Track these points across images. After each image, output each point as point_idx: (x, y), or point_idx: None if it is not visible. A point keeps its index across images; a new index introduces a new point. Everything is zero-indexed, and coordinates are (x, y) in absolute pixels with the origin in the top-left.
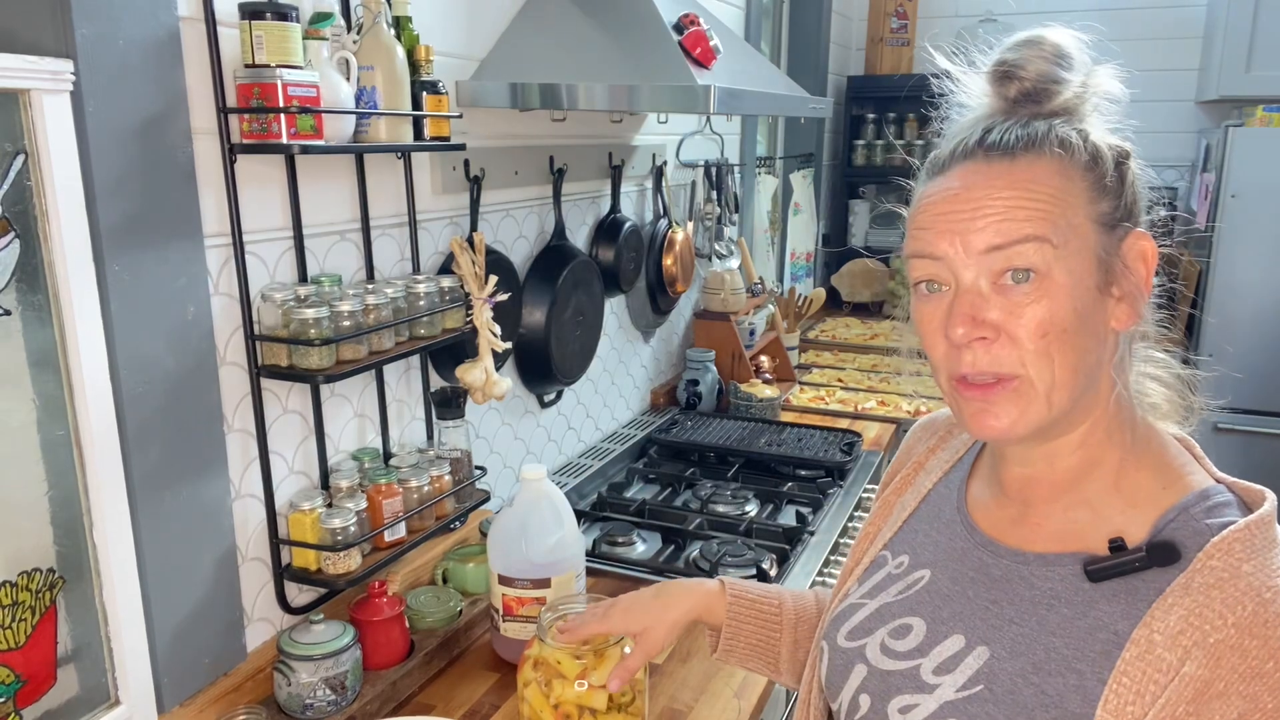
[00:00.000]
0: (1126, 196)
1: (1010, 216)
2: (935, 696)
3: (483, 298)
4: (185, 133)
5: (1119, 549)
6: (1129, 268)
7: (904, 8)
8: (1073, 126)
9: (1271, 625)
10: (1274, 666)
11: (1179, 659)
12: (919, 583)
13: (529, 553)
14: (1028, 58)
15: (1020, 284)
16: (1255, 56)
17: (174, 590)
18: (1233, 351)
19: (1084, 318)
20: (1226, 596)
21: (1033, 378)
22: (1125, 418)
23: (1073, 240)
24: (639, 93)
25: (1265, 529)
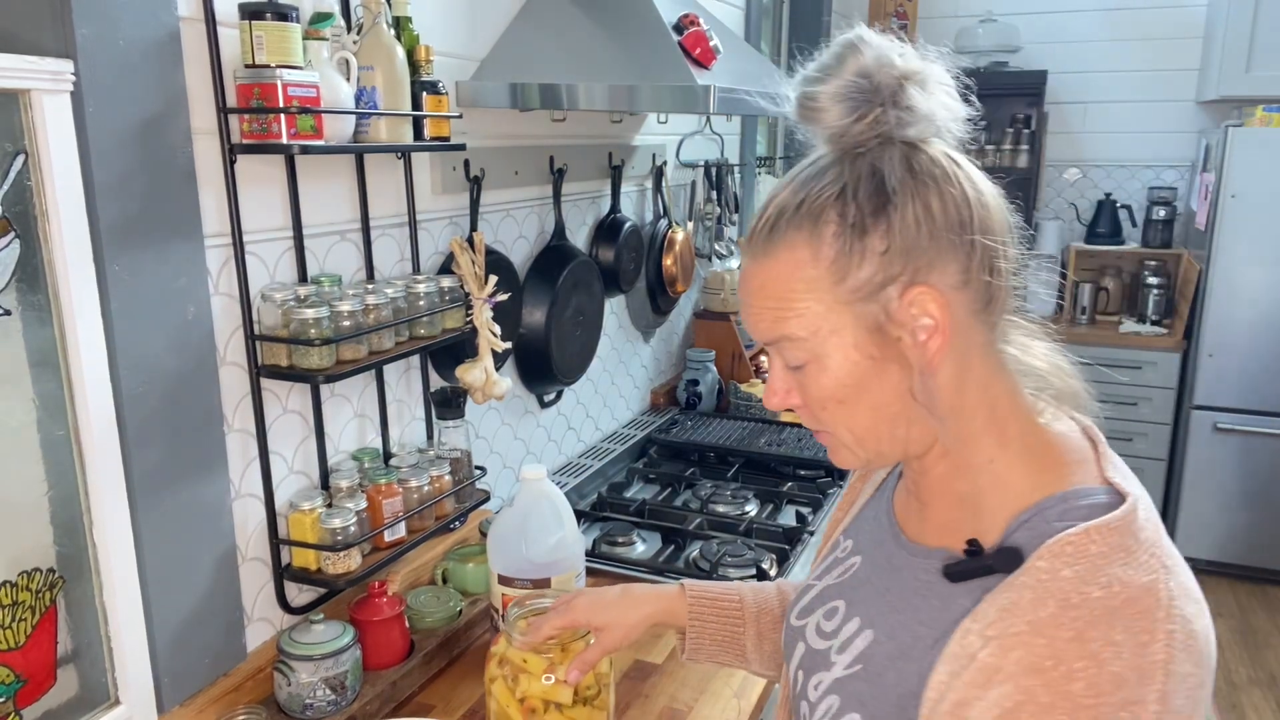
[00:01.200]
0: (894, 251)
1: (761, 318)
2: (831, 673)
3: (483, 298)
4: (185, 133)
5: (973, 552)
6: (914, 319)
7: (904, 8)
8: (839, 185)
9: (1062, 628)
10: (1052, 665)
11: (980, 646)
12: (852, 568)
13: (529, 553)
14: (819, 95)
15: (796, 369)
16: (1255, 56)
17: (174, 590)
18: (1233, 351)
19: (864, 386)
20: (1036, 596)
21: (838, 435)
22: (997, 421)
23: (824, 325)
24: (639, 93)
25: (1108, 536)
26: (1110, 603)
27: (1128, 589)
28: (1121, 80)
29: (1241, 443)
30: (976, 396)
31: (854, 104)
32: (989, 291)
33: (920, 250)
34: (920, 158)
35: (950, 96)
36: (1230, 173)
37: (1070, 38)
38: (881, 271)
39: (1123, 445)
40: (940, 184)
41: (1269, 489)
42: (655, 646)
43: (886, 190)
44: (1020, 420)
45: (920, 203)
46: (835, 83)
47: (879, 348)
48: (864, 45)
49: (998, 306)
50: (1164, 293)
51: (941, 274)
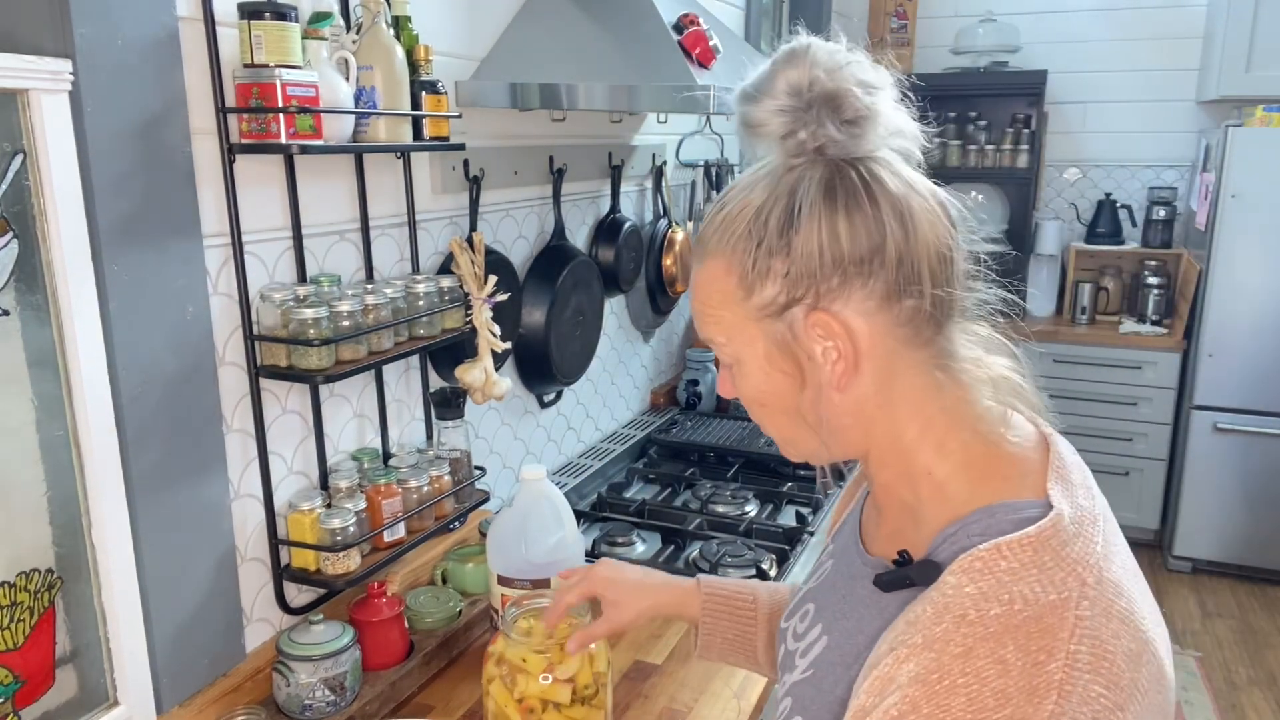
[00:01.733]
0: (795, 274)
1: (696, 316)
2: (794, 675)
3: (482, 298)
4: (184, 133)
5: (901, 563)
6: (810, 346)
7: (904, 8)
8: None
9: (951, 643)
10: (937, 678)
11: (883, 656)
12: (825, 572)
13: (528, 553)
14: (753, 114)
15: (729, 366)
16: (1255, 56)
17: (173, 591)
18: (1233, 351)
19: (780, 394)
20: (936, 610)
21: (767, 430)
22: (936, 433)
23: (739, 335)
24: (639, 93)
25: (1016, 553)
26: (1009, 620)
27: (1030, 606)
28: (1121, 80)
29: (1241, 443)
30: (907, 410)
31: (785, 121)
32: (914, 313)
33: (823, 275)
34: (840, 179)
35: (895, 110)
36: (1230, 173)
37: (1070, 37)
38: (785, 293)
39: (1123, 445)
40: (851, 210)
41: (1269, 489)
42: (655, 646)
43: (794, 214)
44: (963, 431)
45: (825, 229)
46: (769, 101)
47: (786, 364)
48: (797, 59)
49: (929, 327)
50: (1164, 293)
51: (848, 299)
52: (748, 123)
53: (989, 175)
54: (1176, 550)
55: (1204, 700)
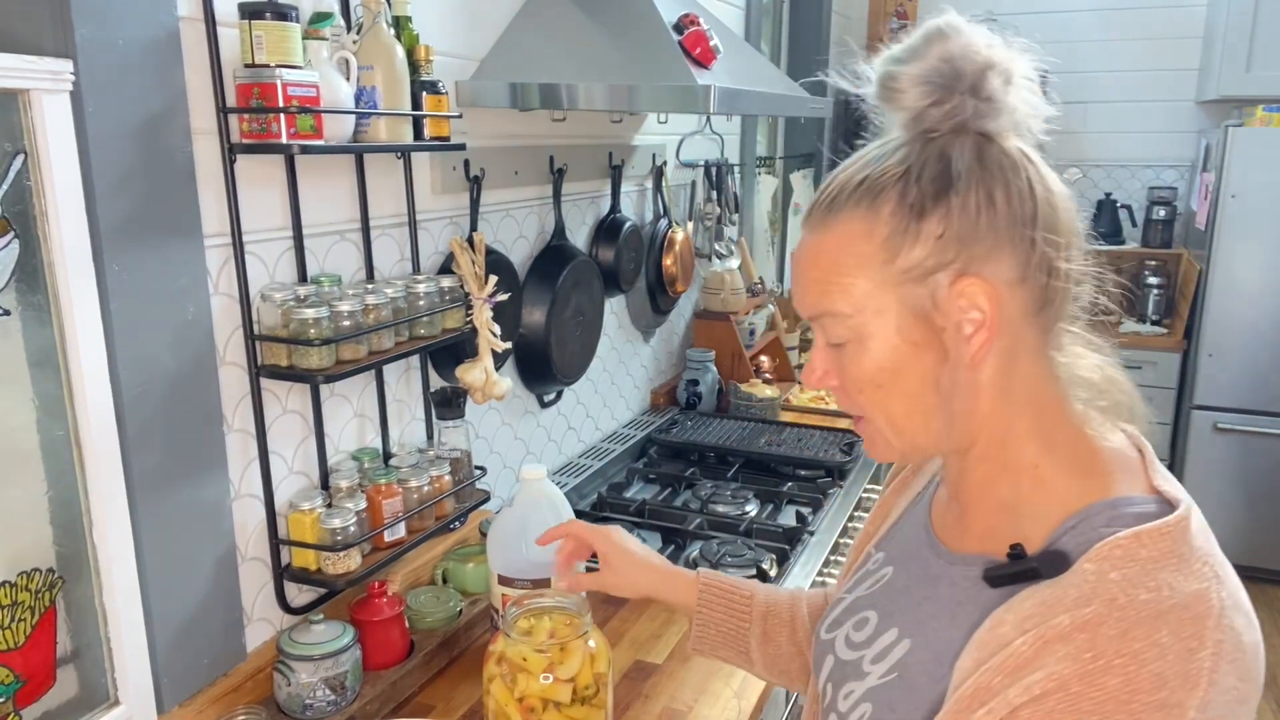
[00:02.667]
0: (949, 237)
1: (809, 290)
2: (865, 683)
3: (483, 298)
4: (185, 133)
5: (1017, 556)
6: (954, 315)
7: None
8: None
9: (1105, 625)
10: (1091, 658)
11: (1016, 635)
12: (883, 579)
13: (529, 553)
14: (900, 75)
15: (837, 346)
16: (1255, 56)
17: (174, 590)
18: (1233, 351)
19: (902, 372)
20: (1080, 595)
21: (878, 423)
22: (1044, 427)
23: (869, 305)
24: (639, 93)
25: (1156, 542)
26: (1159, 606)
27: (1177, 594)
28: (1121, 80)
29: (1242, 443)
30: (1022, 399)
31: (933, 88)
32: (1046, 293)
33: (977, 240)
34: (992, 149)
35: (1032, 93)
36: (1230, 173)
37: (1070, 37)
38: (934, 256)
39: None
40: (1008, 177)
41: (1269, 489)
42: (655, 646)
43: (951, 175)
44: (1067, 428)
45: (984, 191)
46: (918, 65)
47: (922, 334)
48: (952, 31)
49: (1054, 310)
50: (1164, 293)
51: (996, 268)
52: (891, 86)
53: None
54: None
55: None
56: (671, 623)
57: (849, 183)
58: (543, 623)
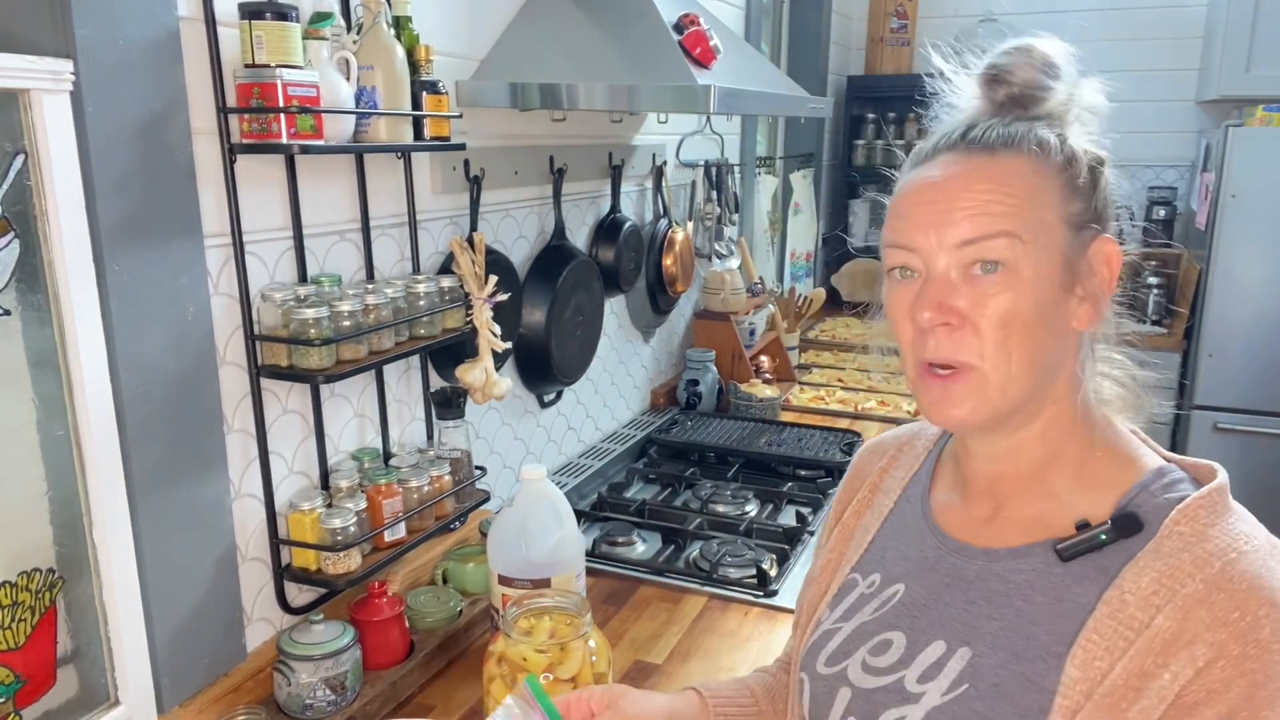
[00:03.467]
0: (1097, 201)
1: (985, 210)
2: (922, 705)
3: (483, 298)
4: (185, 132)
5: (1084, 528)
6: (1094, 270)
7: (904, 8)
8: (1053, 130)
9: (1237, 580)
10: (1239, 616)
11: (1150, 616)
12: (894, 598)
13: (529, 553)
14: (1017, 64)
15: (989, 274)
16: (1255, 56)
17: (174, 590)
18: (1233, 351)
19: (1045, 312)
20: (1195, 557)
21: (988, 371)
22: (1086, 412)
23: (1042, 237)
24: (639, 93)
25: (1223, 497)
26: (1261, 553)
27: (1262, 539)
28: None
29: (1241, 443)
30: (1077, 383)
31: (1036, 86)
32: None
33: (1111, 212)
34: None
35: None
36: (1230, 173)
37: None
38: (1090, 212)
39: None
40: (1110, 165)
41: (1269, 489)
42: (655, 646)
43: (1097, 151)
44: (1098, 412)
45: (1113, 171)
46: (1028, 61)
47: (1066, 281)
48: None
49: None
50: (1164, 293)
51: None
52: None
53: None
54: None
55: None
56: (671, 622)
57: (996, 129)
58: (543, 623)
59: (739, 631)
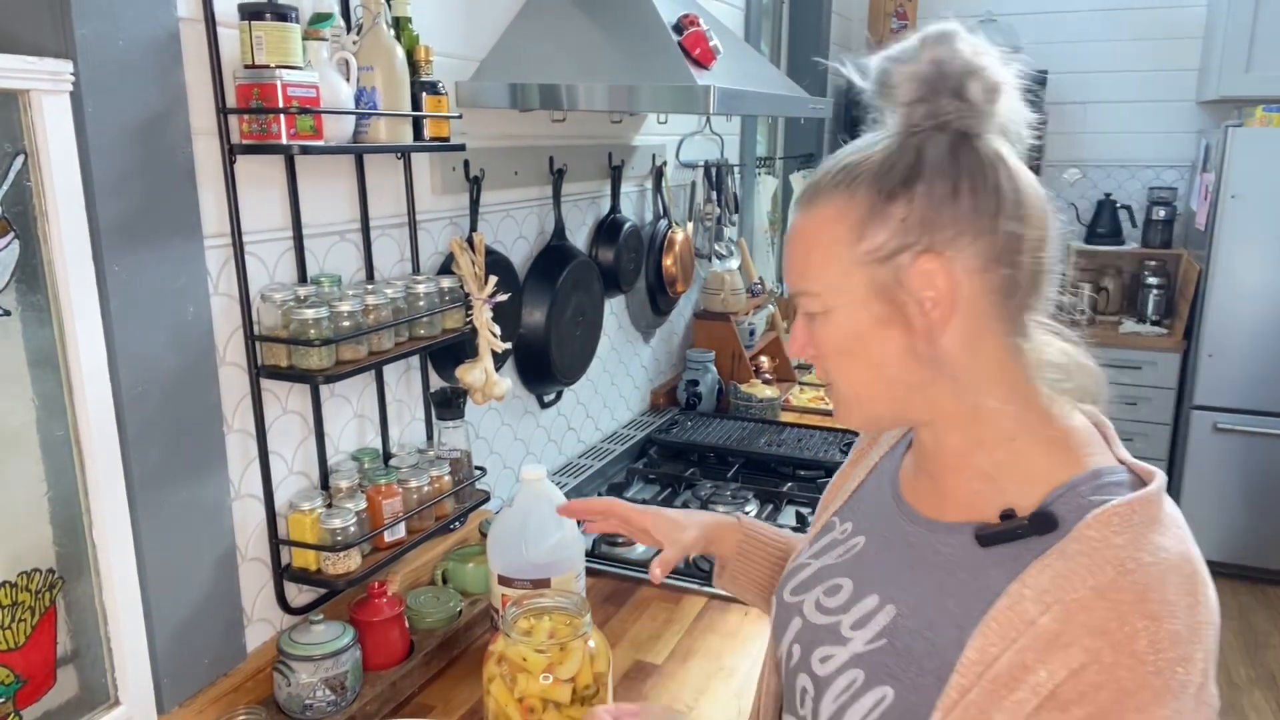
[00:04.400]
0: (913, 220)
1: (792, 268)
2: (848, 649)
3: (482, 298)
4: (185, 133)
5: (1008, 518)
6: (915, 292)
7: (904, 8)
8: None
9: (1123, 591)
10: (1116, 626)
11: (1040, 613)
12: (855, 548)
13: (529, 553)
14: (894, 73)
15: (813, 320)
16: (1255, 57)
17: (174, 590)
18: (1233, 352)
19: (867, 343)
20: (1093, 563)
21: (838, 387)
22: (1016, 403)
23: (837, 282)
24: (639, 93)
25: (1146, 507)
26: (1161, 568)
27: (1171, 554)
28: (1121, 80)
29: (1242, 443)
30: (989, 378)
31: (921, 87)
32: (1009, 284)
33: (939, 226)
34: (966, 148)
35: (1015, 100)
36: (1230, 173)
37: (1070, 38)
38: (897, 238)
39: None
40: (976, 176)
41: (1269, 489)
42: (655, 646)
43: (920, 166)
44: (1038, 407)
45: (949, 185)
46: (910, 66)
47: (885, 311)
48: (947, 37)
49: (1018, 301)
50: (1164, 293)
51: (957, 254)
52: (885, 82)
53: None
54: None
55: None
56: (671, 622)
57: (834, 169)
58: (543, 623)
59: (739, 631)
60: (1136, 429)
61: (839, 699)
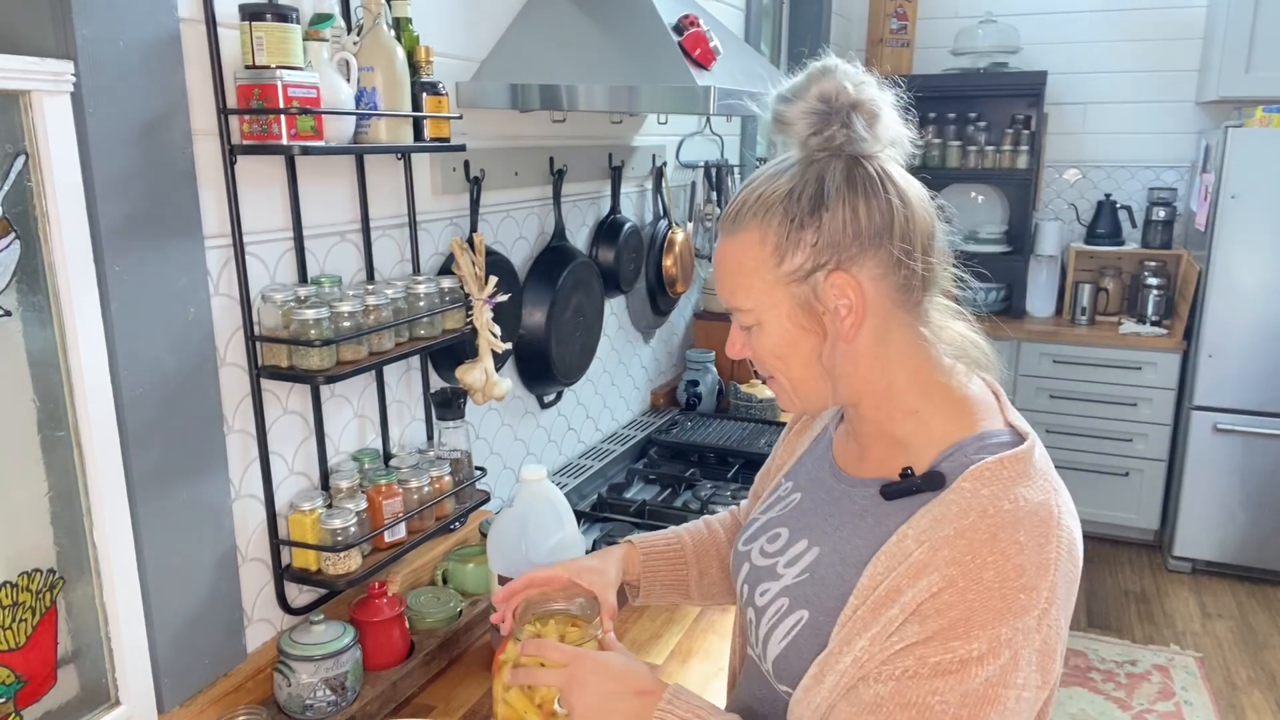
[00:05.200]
0: (823, 244)
1: (722, 287)
2: (780, 583)
3: (483, 298)
4: (186, 134)
5: (907, 476)
6: (830, 303)
7: (904, 9)
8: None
9: (980, 531)
10: (970, 559)
11: (915, 547)
12: (793, 503)
13: (529, 553)
14: (787, 113)
15: (747, 329)
16: (1255, 57)
17: (174, 590)
18: (1232, 352)
19: (795, 346)
20: (961, 509)
21: (778, 381)
22: (919, 381)
23: (764, 299)
24: (639, 94)
25: (1015, 464)
26: (1017, 514)
27: (1029, 503)
28: (1121, 81)
29: (1241, 443)
30: (898, 361)
31: (813, 121)
32: (906, 283)
33: (844, 246)
34: (859, 171)
35: (895, 122)
36: (1230, 173)
37: (1070, 38)
38: (811, 260)
39: (1123, 445)
40: (869, 195)
41: (1269, 489)
42: (655, 646)
43: (823, 194)
44: (938, 381)
45: (849, 208)
46: (801, 104)
47: (807, 320)
48: (829, 74)
49: (914, 295)
50: (1164, 293)
51: (862, 266)
52: (781, 120)
53: (989, 176)
54: (1176, 551)
55: (1204, 701)
56: (671, 623)
57: (749, 198)
58: (549, 626)
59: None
60: (1136, 429)
61: (769, 622)
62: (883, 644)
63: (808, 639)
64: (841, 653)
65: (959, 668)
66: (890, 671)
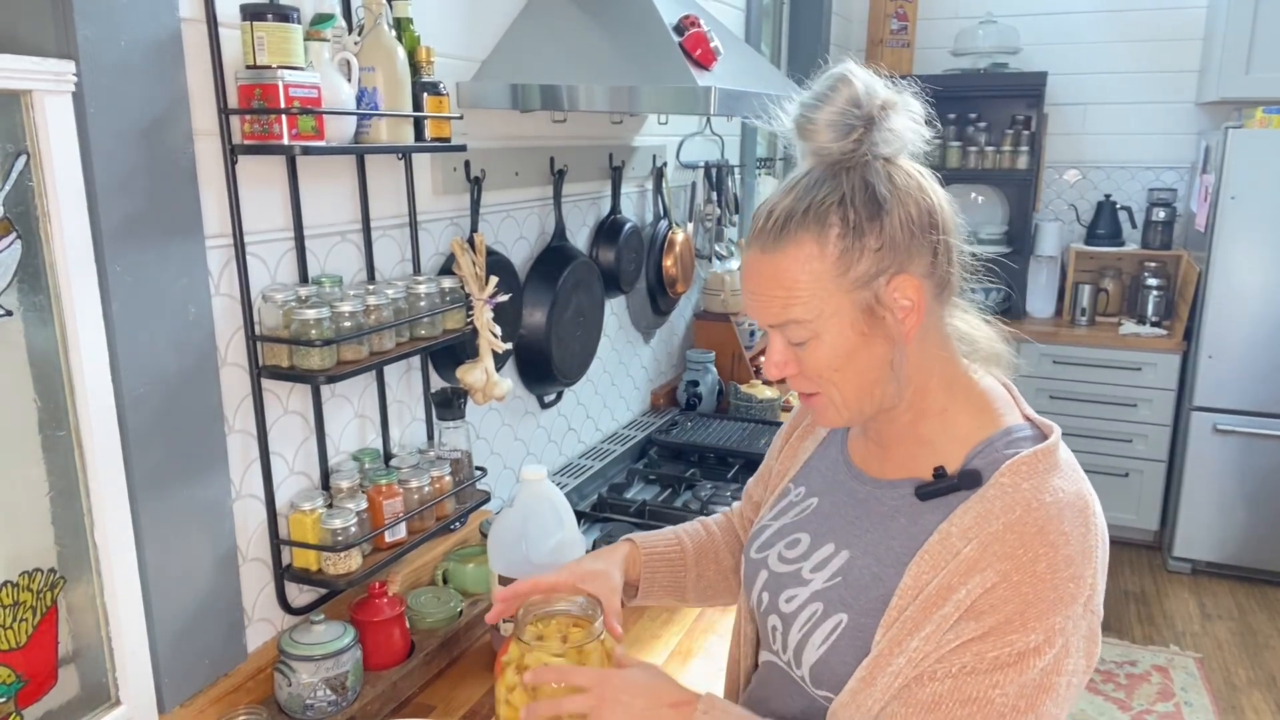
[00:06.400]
0: (885, 248)
1: (773, 303)
2: (809, 588)
3: (483, 298)
4: (187, 134)
5: (940, 475)
6: (894, 306)
7: (904, 9)
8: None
9: (1028, 525)
10: (1022, 552)
11: (963, 545)
12: (810, 507)
13: (529, 553)
14: (816, 119)
15: (798, 345)
16: (1255, 58)
17: (174, 590)
18: (1232, 353)
19: (854, 356)
20: (1005, 504)
21: (830, 395)
22: (946, 379)
23: (825, 309)
24: (639, 94)
25: (1047, 457)
26: (1059, 505)
27: (1067, 495)
28: (1121, 82)
29: (1241, 444)
30: (933, 359)
31: (842, 126)
32: (946, 278)
33: (903, 247)
34: (897, 172)
35: (916, 122)
36: (1230, 174)
37: (1070, 39)
38: (875, 265)
39: (1122, 446)
40: (914, 194)
41: (1269, 490)
42: (655, 646)
43: (879, 199)
44: (961, 377)
45: (903, 209)
46: (829, 109)
47: (869, 326)
48: (853, 78)
49: (950, 290)
50: (1164, 294)
51: (917, 265)
52: (807, 126)
53: (989, 177)
54: (1176, 551)
55: (1204, 702)
56: (671, 623)
57: (795, 210)
58: (551, 627)
59: None
60: (1136, 430)
61: (803, 628)
62: (937, 642)
63: (849, 642)
64: (893, 654)
65: (1017, 660)
66: (946, 669)
